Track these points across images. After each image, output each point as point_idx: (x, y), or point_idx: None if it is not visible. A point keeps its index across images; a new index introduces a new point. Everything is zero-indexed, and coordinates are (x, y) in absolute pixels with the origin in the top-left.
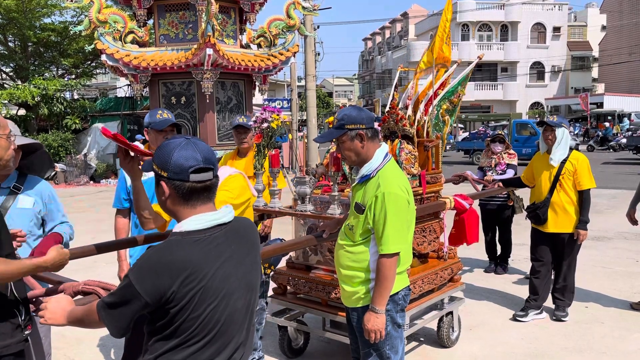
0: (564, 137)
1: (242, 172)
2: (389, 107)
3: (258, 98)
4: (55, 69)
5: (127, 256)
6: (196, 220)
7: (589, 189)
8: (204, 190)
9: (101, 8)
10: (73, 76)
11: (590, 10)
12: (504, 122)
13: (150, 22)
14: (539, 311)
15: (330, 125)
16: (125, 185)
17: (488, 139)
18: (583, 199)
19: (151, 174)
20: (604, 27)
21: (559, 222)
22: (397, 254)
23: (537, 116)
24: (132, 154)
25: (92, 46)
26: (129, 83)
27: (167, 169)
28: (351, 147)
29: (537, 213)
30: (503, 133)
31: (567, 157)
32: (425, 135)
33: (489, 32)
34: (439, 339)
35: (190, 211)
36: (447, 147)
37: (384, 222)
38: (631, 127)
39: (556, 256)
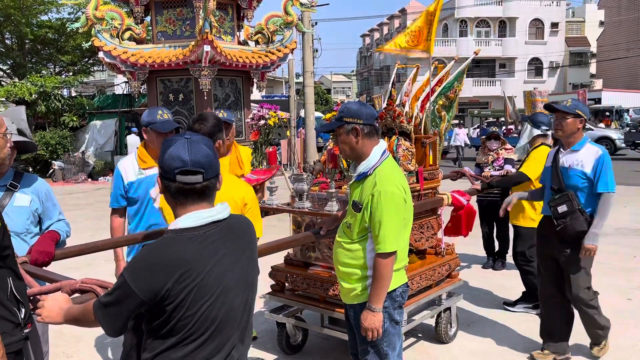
0: (527, 130)
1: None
2: (387, 104)
3: (256, 95)
4: (52, 66)
5: (125, 255)
6: (191, 218)
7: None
8: (192, 192)
9: (98, 5)
10: (70, 73)
11: (588, 5)
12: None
13: (148, 19)
14: (531, 306)
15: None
16: (123, 183)
17: (483, 137)
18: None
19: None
20: (602, 23)
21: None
22: (394, 252)
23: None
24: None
25: (90, 43)
26: (126, 80)
27: (160, 166)
28: (346, 140)
29: None
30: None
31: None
32: (422, 131)
33: (487, 28)
34: (436, 335)
35: (182, 209)
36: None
37: (381, 221)
38: (630, 123)
39: None
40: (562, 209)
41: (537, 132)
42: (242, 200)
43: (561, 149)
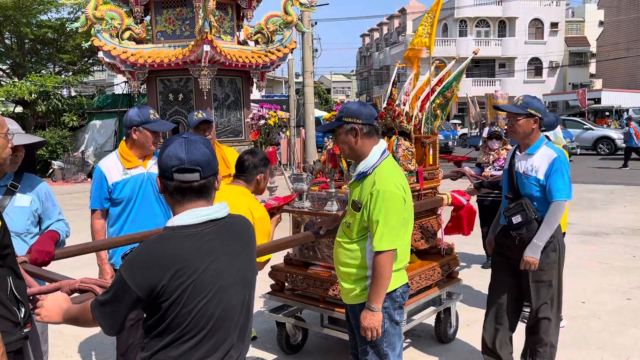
0: None
1: None
2: (387, 104)
3: (256, 94)
4: (52, 66)
5: (108, 258)
6: (188, 215)
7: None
8: (189, 190)
9: (98, 5)
10: (70, 73)
11: (587, 5)
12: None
13: (147, 18)
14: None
15: (327, 122)
16: (106, 183)
17: (485, 136)
18: None
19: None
20: (601, 23)
21: None
22: (392, 251)
23: None
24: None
25: (89, 43)
26: (126, 80)
27: (159, 165)
28: (345, 140)
29: None
30: (499, 130)
31: None
32: (421, 131)
33: (487, 28)
34: (436, 335)
35: (180, 207)
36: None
37: (379, 219)
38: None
39: None
40: (516, 219)
41: None
42: (252, 213)
43: (517, 152)
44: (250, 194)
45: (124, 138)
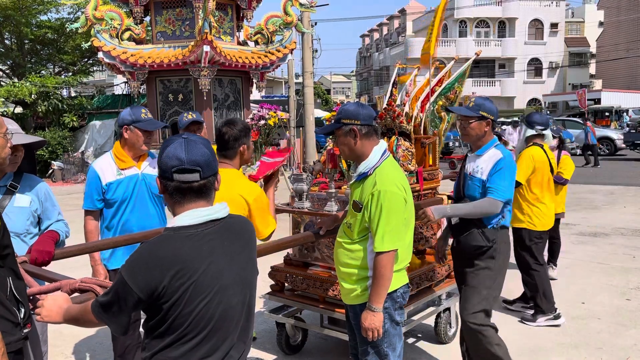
0: (523, 131)
1: None
2: (387, 104)
3: (255, 95)
4: (52, 66)
5: (101, 259)
6: (189, 216)
7: None
8: (189, 191)
9: (97, 5)
10: (70, 74)
11: (587, 6)
12: (515, 119)
13: (147, 19)
14: (528, 305)
15: (328, 122)
16: (100, 184)
17: None
18: None
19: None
20: (601, 23)
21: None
22: (393, 252)
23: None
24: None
25: (89, 43)
26: (126, 80)
27: (159, 166)
28: (344, 141)
29: None
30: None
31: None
32: (422, 132)
33: (487, 29)
34: (436, 335)
35: (180, 208)
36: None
37: (379, 219)
38: (629, 123)
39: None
40: (455, 221)
41: (531, 132)
42: (245, 198)
43: (468, 153)
44: (237, 174)
45: (119, 138)
